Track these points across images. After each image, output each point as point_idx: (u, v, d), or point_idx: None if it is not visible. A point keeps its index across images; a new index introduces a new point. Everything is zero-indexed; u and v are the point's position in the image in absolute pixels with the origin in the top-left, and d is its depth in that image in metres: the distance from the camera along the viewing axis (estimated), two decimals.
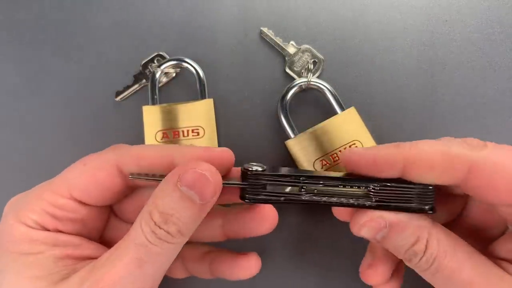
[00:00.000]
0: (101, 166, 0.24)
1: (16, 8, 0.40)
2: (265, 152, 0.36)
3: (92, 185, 0.24)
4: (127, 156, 0.25)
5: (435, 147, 0.22)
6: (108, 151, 0.25)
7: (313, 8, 0.38)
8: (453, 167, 0.22)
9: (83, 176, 0.24)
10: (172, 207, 0.22)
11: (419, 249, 0.23)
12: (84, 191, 0.24)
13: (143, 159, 0.24)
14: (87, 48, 0.38)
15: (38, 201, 0.24)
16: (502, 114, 0.35)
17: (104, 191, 0.25)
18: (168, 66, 0.36)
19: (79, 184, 0.24)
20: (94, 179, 0.24)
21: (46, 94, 0.38)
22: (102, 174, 0.24)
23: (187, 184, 0.22)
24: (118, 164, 0.24)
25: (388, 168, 0.23)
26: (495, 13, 0.37)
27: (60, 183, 0.24)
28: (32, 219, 0.23)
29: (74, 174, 0.25)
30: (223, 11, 0.39)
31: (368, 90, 0.36)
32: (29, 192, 0.25)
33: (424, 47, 0.37)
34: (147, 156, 0.24)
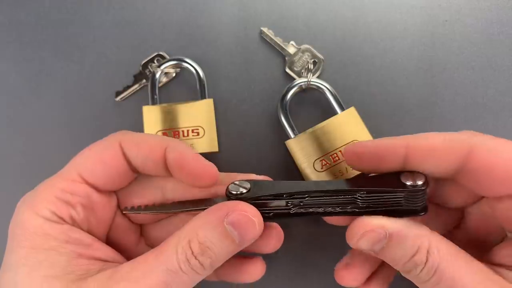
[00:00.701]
0: (105, 147, 0.26)
1: (16, 8, 0.40)
2: (265, 152, 0.36)
3: (99, 164, 0.25)
4: (130, 140, 0.26)
5: (436, 135, 0.23)
6: (111, 135, 0.27)
7: (313, 8, 0.38)
8: (453, 150, 0.22)
9: (90, 157, 0.25)
10: (212, 241, 0.22)
11: (420, 260, 0.22)
12: (92, 172, 0.25)
13: (143, 143, 0.26)
14: (87, 48, 0.38)
15: (51, 189, 0.24)
16: (502, 114, 0.35)
17: (110, 171, 0.26)
18: (168, 66, 0.36)
19: (88, 166, 0.25)
20: (100, 159, 0.25)
21: (46, 94, 0.38)
22: (107, 154, 0.25)
23: (233, 223, 0.22)
24: (121, 145, 0.26)
25: (391, 157, 0.23)
26: (495, 13, 0.37)
27: (69, 169, 0.25)
28: (47, 208, 0.23)
29: (81, 158, 0.26)
30: (223, 11, 0.39)
31: (368, 90, 0.36)
32: (40, 185, 0.25)
33: (424, 47, 0.37)
34: (146, 141, 0.26)
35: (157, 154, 0.26)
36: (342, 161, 0.33)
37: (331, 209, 0.24)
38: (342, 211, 0.24)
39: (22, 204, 0.24)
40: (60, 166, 0.36)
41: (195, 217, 0.23)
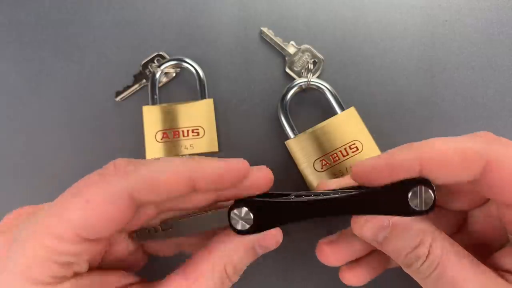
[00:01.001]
0: (110, 201, 0.20)
1: (16, 8, 0.40)
2: (265, 152, 0.36)
3: (103, 223, 0.21)
4: (140, 183, 0.21)
5: (450, 145, 0.21)
6: (113, 178, 0.21)
7: (313, 8, 0.38)
8: (470, 163, 0.21)
9: (89, 215, 0.20)
10: (243, 262, 0.24)
11: (421, 253, 0.22)
12: (93, 230, 0.21)
13: (159, 184, 0.21)
14: (87, 48, 0.38)
15: (44, 252, 0.20)
16: (502, 114, 0.35)
17: (115, 224, 0.21)
18: (168, 66, 0.36)
19: (86, 225, 0.20)
20: (104, 217, 0.20)
21: (46, 94, 0.38)
22: (112, 209, 0.20)
23: (263, 247, 0.24)
24: (129, 192, 0.21)
25: (405, 173, 0.22)
26: (495, 13, 0.37)
27: (62, 226, 0.20)
28: (44, 274, 0.20)
29: (77, 213, 0.20)
30: (223, 11, 0.39)
31: (368, 90, 0.36)
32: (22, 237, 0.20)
33: (424, 47, 0.37)
34: (163, 180, 0.21)
35: (179, 190, 0.22)
36: (342, 161, 0.33)
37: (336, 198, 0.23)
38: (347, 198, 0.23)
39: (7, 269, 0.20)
40: (60, 166, 0.36)
41: (224, 240, 0.23)
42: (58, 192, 0.35)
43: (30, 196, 0.36)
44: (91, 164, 0.36)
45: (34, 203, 0.35)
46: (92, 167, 0.36)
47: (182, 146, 0.34)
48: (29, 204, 0.35)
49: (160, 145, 0.34)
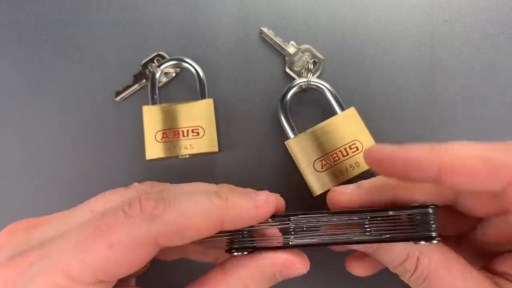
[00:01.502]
0: (134, 248, 0.19)
1: (16, 8, 0.40)
2: (265, 152, 0.36)
3: (123, 268, 0.19)
4: (169, 229, 0.20)
5: (474, 152, 0.20)
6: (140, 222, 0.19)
7: (313, 8, 0.38)
8: (496, 175, 0.19)
9: (111, 261, 0.19)
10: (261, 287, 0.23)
11: (409, 267, 0.22)
12: (113, 274, 0.20)
13: (188, 231, 0.20)
14: (87, 48, 0.38)
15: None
16: (502, 114, 0.35)
17: (135, 268, 0.20)
18: (168, 66, 0.36)
19: (107, 270, 0.19)
20: (126, 262, 0.19)
21: (46, 94, 0.38)
22: (136, 257, 0.19)
23: (285, 276, 0.23)
24: (155, 239, 0.19)
25: (420, 172, 0.20)
26: (495, 13, 0.37)
27: (80, 268, 0.19)
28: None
29: (98, 258, 0.19)
30: (223, 11, 0.39)
31: (368, 90, 0.36)
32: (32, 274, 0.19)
33: (424, 47, 0.37)
34: (194, 224, 0.20)
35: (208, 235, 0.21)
36: (342, 161, 0.33)
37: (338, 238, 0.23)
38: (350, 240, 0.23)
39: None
40: (60, 166, 0.36)
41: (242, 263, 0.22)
42: (57, 192, 0.36)
43: (30, 196, 0.36)
44: (91, 164, 0.36)
45: (34, 203, 0.36)
46: (92, 167, 0.36)
47: (182, 146, 0.34)
48: (29, 204, 0.36)
49: (160, 145, 0.34)
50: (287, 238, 0.23)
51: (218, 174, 0.35)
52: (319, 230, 0.23)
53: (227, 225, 0.21)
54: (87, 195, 0.35)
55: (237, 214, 0.21)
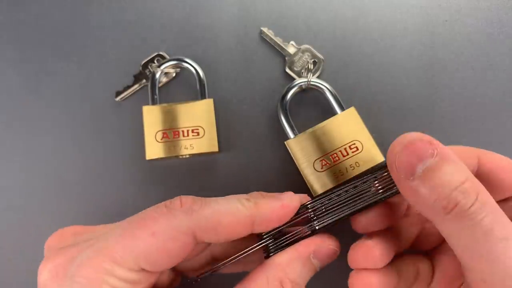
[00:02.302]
0: (174, 237, 0.21)
1: (16, 8, 0.40)
2: (265, 152, 0.36)
3: (164, 257, 0.21)
4: (204, 223, 0.21)
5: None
6: (179, 214, 0.21)
7: (313, 8, 0.38)
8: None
9: (153, 248, 0.21)
10: (301, 276, 0.23)
11: (471, 189, 0.18)
12: (153, 263, 0.21)
13: (221, 227, 0.22)
14: (87, 48, 0.38)
15: (105, 277, 0.20)
16: (502, 114, 0.35)
17: (175, 259, 0.22)
18: (168, 66, 0.36)
19: (149, 258, 0.21)
20: (166, 251, 0.21)
21: (46, 94, 0.38)
22: (175, 246, 0.21)
23: (321, 258, 0.23)
24: (192, 231, 0.21)
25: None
26: (495, 13, 0.37)
27: (125, 254, 0.20)
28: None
29: (141, 245, 0.21)
30: (223, 11, 0.39)
31: (368, 90, 0.36)
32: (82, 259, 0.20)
33: (424, 47, 0.37)
34: (226, 222, 0.22)
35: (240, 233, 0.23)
36: (342, 161, 0.33)
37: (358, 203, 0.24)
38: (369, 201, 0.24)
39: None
40: (60, 166, 0.36)
41: (280, 255, 0.23)
42: (58, 192, 0.36)
43: (30, 196, 0.36)
44: (91, 164, 0.36)
45: (34, 203, 0.36)
46: (92, 167, 0.36)
47: (182, 146, 0.35)
48: (29, 204, 0.36)
49: (160, 145, 0.34)
50: (312, 225, 0.24)
51: (218, 174, 0.35)
52: (337, 206, 0.24)
53: (257, 225, 0.23)
54: (87, 195, 0.35)
55: (266, 214, 0.23)
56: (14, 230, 0.35)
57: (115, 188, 0.35)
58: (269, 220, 0.23)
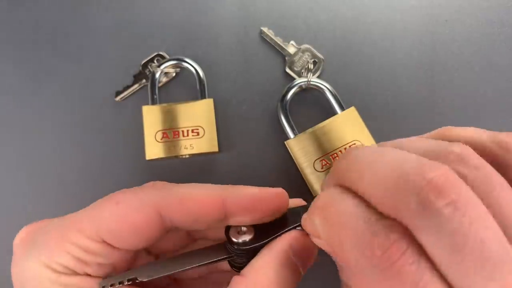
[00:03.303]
0: (138, 208, 0.20)
1: (16, 8, 0.40)
2: (265, 152, 0.36)
3: (126, 229, 0.20)
4: (170, 198, 0.21)
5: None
6: (147, 189, 0.22)
7: (313, 8, 0.38)
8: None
9: (115, 217, 0.20)
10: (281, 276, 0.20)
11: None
12: (115, 235, 0.21)
13: (189, 201, 0.21)
14: (87, 48, 0.38)
15: (63, 244, 0.20)
16: (502, 114, 0.35)
17: (138, 236, 0.21)
18: (168, 66, 0.36)
19: (110, 227, 0.20)
20: (128, 222, 0.20)
21: (46, 94, 0.38)
22: (138, 217, 0.20)
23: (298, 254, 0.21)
24: (158, 206, 0.21)
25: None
26: (495, 13, 0.37)
27: (88, 223, 0.20)
28: (58, 263, 0.20)
29: (104, 214, 0.21)
30: (223, 11, 0.39)
31: (368, 90, 0.36)
32: (48, 230, 0.21)
33: (424, 47, 0.37)
34: (194, 197, 0.21)
35: (211, 212, 0.21)
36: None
37: None
38: None
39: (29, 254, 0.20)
40: (60, 167, 0.36)
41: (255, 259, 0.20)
42: (58, 192, 0.36)
43: (30, 196, 0.36)
44: (91, 164, 0.36)
45: (34, 203, 0.35)
46: (92, 167, 0.36)
47: (182, 146, 0.34)
48: (28, 204, 0.36)
49: (160, 145, 0.34)
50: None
51: (218, 174, 0.35)
52: None
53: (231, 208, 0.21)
54: (87, 195, 0.35)
55: (239, 195, 0.21)
56: (14, 230, 0.35)
57: (115, 188, 0.35)
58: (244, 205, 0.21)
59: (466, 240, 0.13)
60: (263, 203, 0.21)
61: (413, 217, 0.14)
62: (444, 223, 0.13)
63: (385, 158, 0.16)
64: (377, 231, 0.14)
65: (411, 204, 0.14)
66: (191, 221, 0.21)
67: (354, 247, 0.15)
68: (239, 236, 0.21)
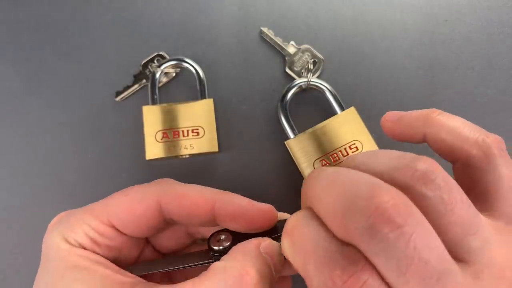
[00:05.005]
0: (142, 199, 0.24)
1: (16, 8, 0.40)
2: (265, 152, 0.36)
3: (130, 216, 0.24)
4: (171, 192, 0.24)
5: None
6: (153, 184, 0.25)
7: (313, 8, 0.38)
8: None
9: (122, 206, 0.24)
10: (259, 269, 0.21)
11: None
12: (122, 220, 0.24)
13: (185, 198, 0.24)
14: (87, 48, 0.38)
15: (80, 224, 0.24)
16: (502, 114, 0.35)
17: (141, 224, 0.24)
18: (168, 66, 0.36)
19: (118, 213, 0.24)
20: (133, 210, 0.24)
21: (46, 94, 0.38)
22: (141, 207, 0.24)
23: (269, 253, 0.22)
24: (159, 199, 0.24)
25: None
26: (495, 13, 0.37)
27: (101, 209, 0.24)
28: (74, 239, 0.23)
29: (114, 202, 0.24)
30: (223, 11, 0.39)
31: (368, 90, 0.36)
32: (71, 213, 0.25)
33: (424, 47, 0.37)
34: (190, 196, 0.24)
35: (202, 211, 0.24)
36: (342, 161, 0.33)
37: None
38: None
39: (54, 229, 0.24)
40: (60, 167, 0.36)
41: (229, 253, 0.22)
42: (57, 192, 0.36)
43: (29, 196, 0.36)
44: (91, 164, 0.36)
45: (34, 203, 0.35)
46: (92, 167, 0.36)
47: (182, 146, 0.35)
48: (29, 204, 0.36)
49: (160, 145, 0.34)
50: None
51: (218, 174, 0.35)
52: None
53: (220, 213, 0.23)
54: (87, 195, 0.35)
55: (228, 200, 0.24)
56: (14, 230, 0.35)
57: (115, 188, 0.35)
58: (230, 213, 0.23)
59: (410, 263, 0.14)
60: (248, 216, 0.23)
61: (363, 241, 0.14)
62: (390, 248, 0.14)
63: (340, 180, 0.16)
64: (336, 261, 0.15)
65: (360, 229, 0.14)
66: (185, 215, 0.24)
67: (316, 274, 0.15)
68: (218, 244, 0.23)
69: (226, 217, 0.23)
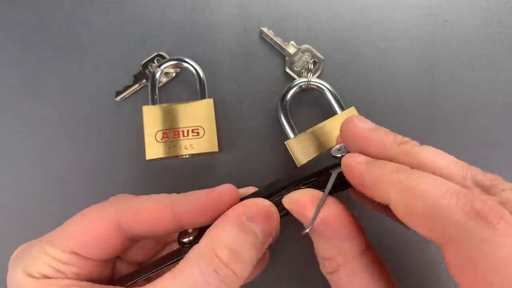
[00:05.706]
0: (98, 218, 0.23)
1: (16, 8, 0.40)
2: (265, 152, 0.36)
3: (89, 239, 0.23)
4: (127, 209, 0.23)
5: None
6: (108, 203, 0.24)
7: (313, 8, 0.38)
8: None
9: (80, 229, 0.23)
10: (239, 243, 0.21)
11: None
12: (82, 245, 0.23)
13: (143, 213, 0.23)
14: (87, 48, 0.38)
15: (41, 256, 0.23)
16: (502, 114, 0.35)
17: (103, 246, 0.23)
18: (168, 66, 0.36)
19: (77, 238, 0.23)
20: (91, 232, 0.23)
21: (46, 94, 0.38)
22: (99, 227, 0.23)
23: (256, 219, 0.21)
24: (116, 218, 0.23)
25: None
26: (495, 13, 0.37)
27: (60, 237, 0.23)
28: (38, 272, 0.22)
29: (72, 227, 0.23)
30: (223, 11, 0.39)
31: (368, 90, 0.36)
32: (32, 245, 0.24)
33: (424, 47, 0.37)
34: (147, 209, 0.23)
35: (163, 221, 0.23)
36: None
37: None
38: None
39: (17, 265, 0.23)
40: (60, 167, 0.36)
41: (211, 227, 0.22)
42: (57, 192, 0.36)
43: (30, 196, 0.36)
44: (91, 164, 0.36)
45: (34, 203, 0.36)
46: (92, 167, 0.36)
47: (182, 146, 0.35)
48: (29, 204, 0.36)
49: (160, 145, 0.34)
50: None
51: (218, 174, 0.35)
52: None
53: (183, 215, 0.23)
54: (87, 195, 0.35)
55: (188, 200, 0.23)
56: (14, 230, 0.35)
57: (115, 188, 0.35)
58: (191, 210, 0.23)
59: None
60: (208, 205, 0.23)
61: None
62: None
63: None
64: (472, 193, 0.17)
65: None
66: (147, 230, 0.23)
67: (451, 197, 0.17)
68: (186, 237, 0.23)
69: (188, 216, 0.23)
